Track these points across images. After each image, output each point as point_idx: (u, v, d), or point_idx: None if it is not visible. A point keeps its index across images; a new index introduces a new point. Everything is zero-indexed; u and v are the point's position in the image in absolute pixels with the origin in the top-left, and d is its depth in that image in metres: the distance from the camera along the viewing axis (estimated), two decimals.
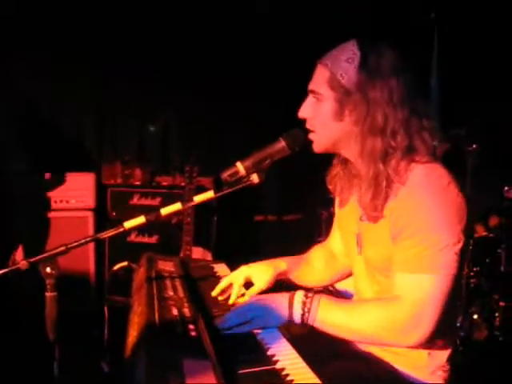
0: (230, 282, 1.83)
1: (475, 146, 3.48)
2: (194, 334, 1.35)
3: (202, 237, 4.07)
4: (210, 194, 1.63)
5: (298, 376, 1.27)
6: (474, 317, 3.49)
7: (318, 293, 1.57)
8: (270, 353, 1.39)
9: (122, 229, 1.57)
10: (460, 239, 1.48)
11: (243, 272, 1.85)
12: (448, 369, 1.68)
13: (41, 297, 1.46)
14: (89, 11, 4.37)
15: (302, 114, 1.66)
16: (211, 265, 2.26)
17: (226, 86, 4.60)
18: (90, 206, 4.33)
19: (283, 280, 1.92)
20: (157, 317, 1.44)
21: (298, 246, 2.17)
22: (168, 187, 4.44)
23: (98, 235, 1.60)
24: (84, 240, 1.55)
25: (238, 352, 1.38)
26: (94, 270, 4.28)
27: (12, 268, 1.43)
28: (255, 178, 1.66)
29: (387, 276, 1.61)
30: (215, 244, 4.20)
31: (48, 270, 1.45)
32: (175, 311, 1.50)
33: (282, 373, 1.28)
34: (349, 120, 1.58)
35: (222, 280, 1.86)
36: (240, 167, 1.65)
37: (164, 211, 1.61)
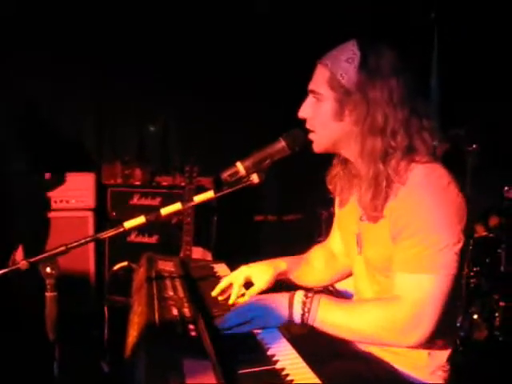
0: (230, 282, 1.83)
1: (475, 145, 3.48)
2: (194, 334, 1.35)
3: (202, 237, 4.07)
4: (209, 194, 1.63)
5: (297, 376, 1.27)
6: (474, 317, 3.49)
7: (318, 293, 1.57)
8: (270, 353, 1.39)
9: (121, 229, 1.57)
10: (460, 239, 1.48)
11: (243, 272, 1.85)
12: (448, 369, 1.68)
13: (41, 297, 1.46)
14: (89, 11, 4.37)
15: (301, 114, 1.66)
16: (211, 265, 2.26)
17: (226, 86, 4.61)
18: (90, 206, 4.33)
19: (283, 280, 1.92)
20: (157, 317, 1.44)
21: (298, 246, 2.17)
22: (168, 187, 4.43)
23: (97, 235, 1.60)
24: (84, 240, 1.54)
25: (238, 352, 1.38)
26: (94, 269, 4.28)
27: (12, 268, 1.43)
28: (255, 178, 1.65)
29: (387, 276, 1.60)
30: (215, 244, 4.20)
31: (48, 269, 1.45)
32: (175, 311, 1.49)
33: (282, 373, 1.28)
34: (349, 120, 1.58)
35: (221, 280, 1.86)
36: (240, 167, 1.64)
37: (164, 211, 1.61)
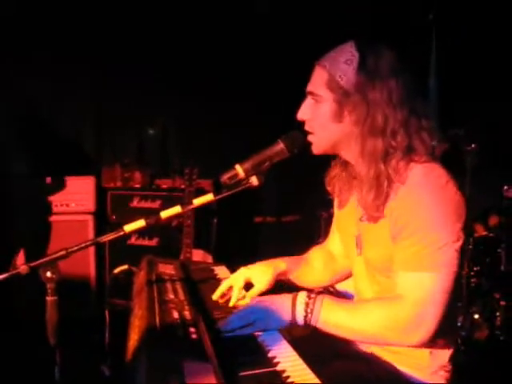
0: (230, 285, 1.83)
1: (474, 145, 3.48)
2: (194, 336, 1.35)
3: (202, 239, 4.07)
4: (209, 197, 1.63)
5: (298, 378, 1.27)
6: (475, 316, 3.49)
7: (320, 294, 1.58)
8: (270, 355, 1.38)
9: (122, 232, 1.57)
10: (459, 237, 1.49)
11: (243, 274, 1.85)
12: (450, 369, 1.67)
13: (41, 301, 1.46)
14: (89, 11, 4.37)
15: (300, 115, 1.66)
16: (211, 267, 2.26)
17: (225, 88, 4.61)
18: (90, 210, 4.34)
19: (283, 281, 1.92)
20: (157, 320, 1.44)
21: (298, 248, 2.17)
22: (168, 190, 4.43)
23: (98, 239, 1.60)
24: (84, 244, 1.54)
25: (239, 354, 1.38)
26: (95, 273, 4.28)
27: (12, 273, 1.43)
28: (254, 181, 1.65)
29: (388, 276, 1.61)
30: (215, 246, 4.19)
31: (48, 274, 1.44)
32: (176, 314, 1.49)
33: (283, 375, 1.28)
34: (348, 121, 1.58)
35: (221, 283, 1.86)
36: (239, 170, 1.64)
37: (164, 214, 1.61)
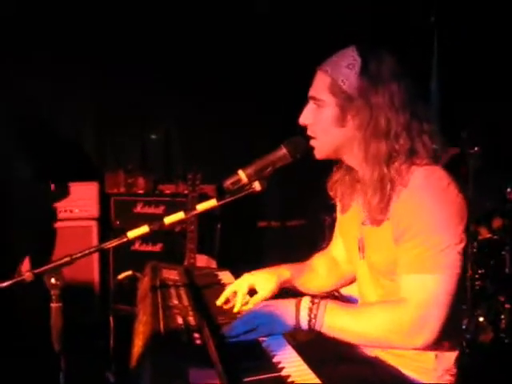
0: (234, 291, 1.83)
1: (477, 148, 3.48)
2: (199, 342, 1.35)
3: (206, 244, 4.07)
4: (212, 203, 1.63)
5: (303, 383, 1.26)
6: (480, 319, 3.48)
7: (324, 298, 1.58)
8: (275, 360, 1.39)
9: (125, 239, 1.57)
10: (462, 239, 1.49)
11: (247, 280, 1.85)
12: (455, 372, 1.67)
13: (46, 307, 1.46)
14: (89, 11, 4.36)
15: (302, 120, 1.66)
16: (215, 272, 2.27)
17: (227, 93, 4.60)
18: (94, 216, 4.34)
19: (287, 287, 1.92)
20: (162, 326, 1.44)
21: (302, 252, 2.17)
22: (171, 195, 4.43)
23: (102, 245, 1.60)
24: (88, 250, 1.55)
25: (244, 360, 1.38)
26: (99, 279, 4.28)
27: (17, 279, 1.43)
28: (257, 186, 1.65)
29: (392, 279, 1.60)
30: (219, 251, 4.19)
31: (53, 280, 1.45)
32: (180, 320, 1.49)
33: (288, 380, 1.28)
34: (351, 125, 1.58)
35: (225, 289, 1.86)
36: (242, 175, 1.64)
37: (167, 220, 1.61)
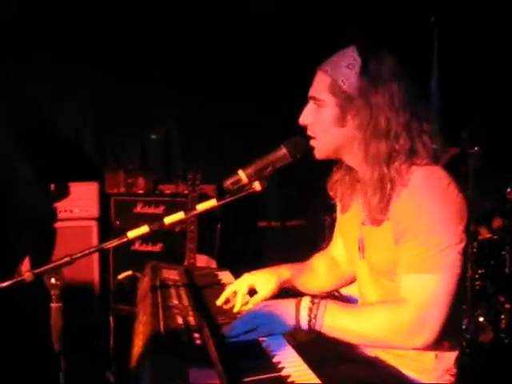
0: (234, 291, 1.83)
1: (477, 148, 3.48)
2: (199, 342, 1.35)
3: (206, 244, 4.07)
4: (212, 203, 1.63)
5: (303, 383, 1.26)
6: (480, 319, 3.48)
7: (324, 298, 1.58)
8: (275, 360, 1.38)
9: (125, 239, 1.57)
10: (462, 239, 1.49)
11: (247, 280, 1.85)
12: (455, 372, 1.67)
13: (46, 308, 1.46)
14: (89, 11, 4.35)
15: (302, 120, 1.66)
16: (215, 272, 2.27)
17: (227, 92, 4.59)
18: (94, 216, 4.34)
19: (288, 287, 1.91)
20: (162, 326, 1.44)
21: (302, 252, 2.17)
22: (171, 195, 4.43)
23: (102, 245, 1.60)
24: (88, 250, 1.55)
25: (244, 360, 1.38)
26: (99, 279, 4.28)
27: (17, 279, 1.43)
28: (257, 186, 1.65)
29: (392, 280, 1.60)
30: (219, 251, 4.19)
31: (53, 280, 1.45)
32: (180, 320, 1.49)
33: (288, 380, 1.28)
34: (351, 125, 1.59)
35: (225, 289, 1.86)
36: (242, 175, 1.64)
37: (167, 220, 1.61)
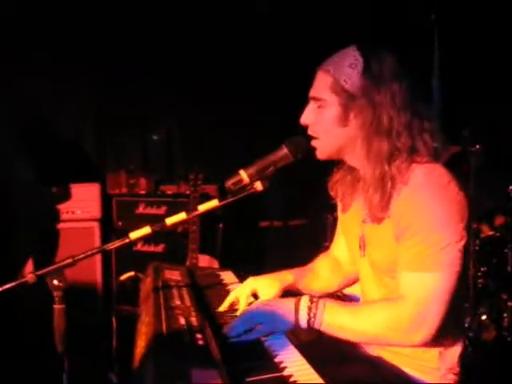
0: (237, 296, 1.83)
1: (478, 146, 3.47)
2: (201, 342, 1.35)
3: (208, 245, 4.07)
4: (214, 203, 1.63)
5: (306, 382, 1.26)
6: (482, 317, 3.48)
7: (324, 297, 1.58)
8: (277, 360, 1.39)
9: (127, 240, 1.58)
10: (462, 237, 1.49)
11: (250, 285, 1.85)
12: (458, 371, 1.67)
13: (49, 308, 1.47)
14: (89, 11, 4.36)
15: (303, 120, 1.66)
16: (218, 273, 2.27)
17: (228, 92, 4.60)
18: (96, 217, 4.35)
19: (291, 291, 1.91)
20: (164, 326, 1.44)
21: (304, 251, 2.18)
22: (173, 196, 4.44)
23: (104, 247, 1.61)
24: (91, 252, 1.55)
25: (246, 360, 1.38)
26: (101, 280, 4.29)
27: (20, 281, 1.44)
28: (259, 186, 1.66)
29: (393, 277, 1.61)
30: (221, 251, 4.19)
31: (55, 282, 1.45)
32: (182, 320, 1.49)
33: (290, 379, 1.28)
34: (354, 124, 1.59)
35: (229, 294, 1.84)
36: (243, 175, 1.64)
37: (169, 221, 1.61)
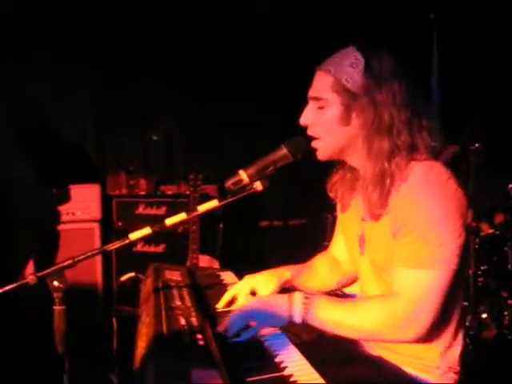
0: (235, 294, 1.83)
1: (478, 144, 3.48)
2: (201, 343, 1.35)
3: (209, 245, 4.07)
4: (214, 203, 1.63)
5: (306, 382, 1.27)
6: (483, 316, 3.48)
7: (320, 294, 1.59)
8: (277, 359, 1.39)
9: (127, 241, 1.57)
10: (460, 234, 1.49)
11: (247, 283, 1.85)
12: (459, 370, 1.67)
13: (49, 309, 1.47)
14: (89, 11, 4.35)
15: (303, 120, 1.66)
16: (218, 273, 2.27)
17: (228, 92, 4.59)
18: (96, 218, 4.34)
19: (288, 288, 1.92)
20: (165, 327, 1.44)
21: (304, 251, 2.17)
22: (173, 196, 4.43)
23: (104, 247, 1.60)
24: (91, 253, 1.55)
25: (246, 360, 1.38)
26: (102, 281, 4.29)
27: (21, 283, 1.44)
28: (259, 186, 1.66)
29: (392, 274, 1.61)
30: (221, 251, 4.19)
31: (56, 283, 1.45)
32: (183, 321, 1.50)
33: (290, 379, 1.28)
34: (355, 124, 1.59)
35: (226, 292, 1.85)
36: (243, 175, 1.64)
37: (169, 221, 1.61)
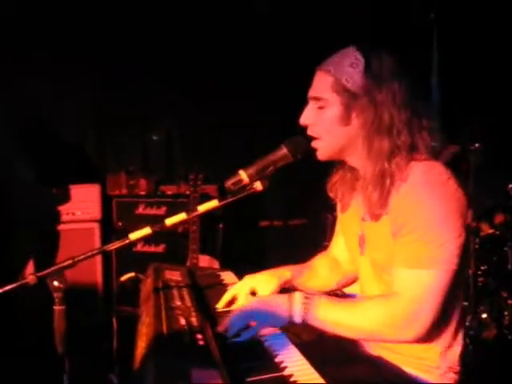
0: (235, 294, 1.83)
1: (478, 144, 3.47)
2: (201, 343, 1.35)
3: (209, 245, 4.07)
4: (214, 203, 1.63)
5: (306, 382, 1.27)
6: (483, 316, 3.48)
7: (320, 294, 1.59)
8: (277, 359, 1.39)
9: (127, 241, 1.57)
10: (460, 234, 1.49)
11: (247, 283, 1.85)
12: (459, 370, 1.67)
13: (49, 309, 1.47)
14: (89, 11, 4.35)
15: (303, 120, 1.66)
16: (218, 273, 2.27)
17: (228, 92, 4.59)
18: (96, 218, 4.34)
19: (289, 288, 1.92)
20: (164, 327, 1.44)
21: (304, 251, 2.17)
22: (173, 196, 4.43)
23: (104, 247, 1.60)
24: (91, 253, 1.55)
25: (246, 360, 1.38)
26: (102, 281, 4.29)
27: (21, 283, 1.44)
28: (259, 186, 1.66)
29: (392, 274, 1.61)
30: (221, 251, 4.19)
31: (56, 283, 1.45)
32: (183, 321, 1.50)
33: (291, 379, 1.28)
34: (355, 124, 1.59)
35: (226, 292, 1.85)
36: (243, 175, 1.64)
37: (169, 222, 1.61)
